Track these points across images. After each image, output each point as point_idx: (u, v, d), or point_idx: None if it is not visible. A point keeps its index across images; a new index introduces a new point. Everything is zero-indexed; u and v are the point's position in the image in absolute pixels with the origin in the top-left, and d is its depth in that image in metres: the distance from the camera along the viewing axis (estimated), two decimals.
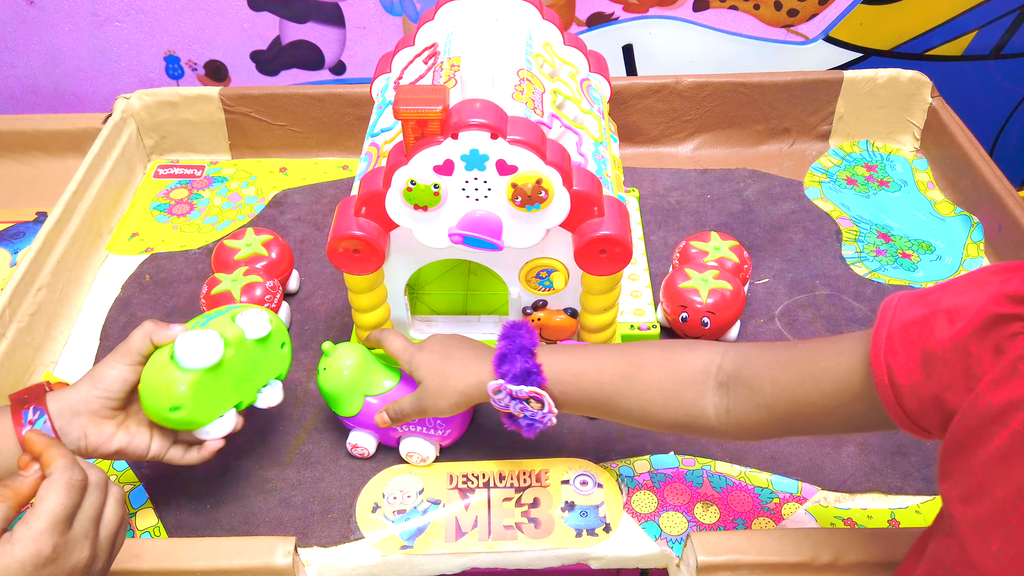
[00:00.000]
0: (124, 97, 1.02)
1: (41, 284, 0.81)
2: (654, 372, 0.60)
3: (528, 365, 0.61)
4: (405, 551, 0.64)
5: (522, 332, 0.63)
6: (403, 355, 0.66)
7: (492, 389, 0.62)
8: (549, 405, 0.61)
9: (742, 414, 0.56)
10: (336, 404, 0.68)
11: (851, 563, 0.57)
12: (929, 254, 0.91)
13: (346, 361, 0.67)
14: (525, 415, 0.62)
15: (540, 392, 0.60)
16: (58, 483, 0.48)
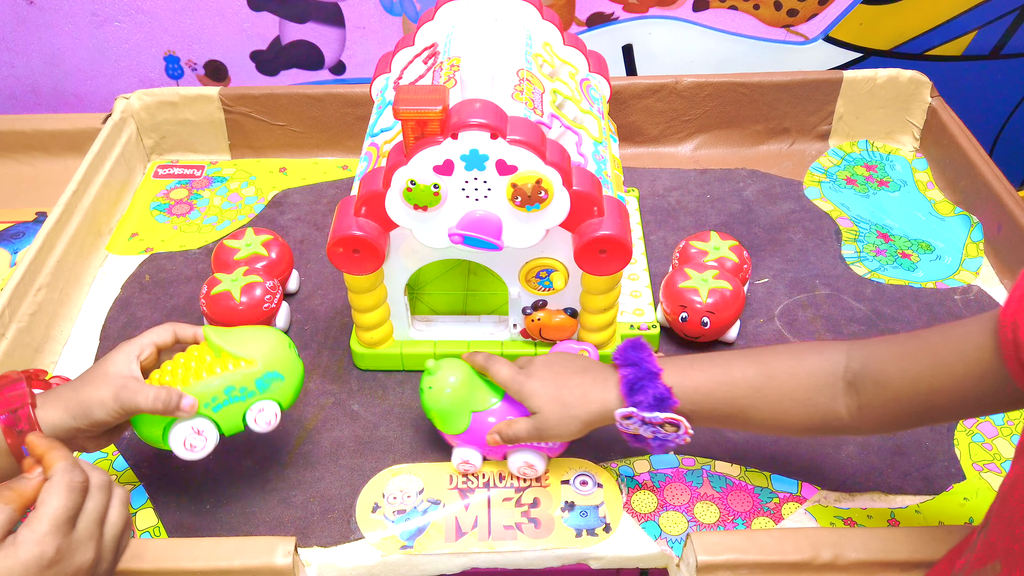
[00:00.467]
0: (124, 97, 1.02)
1: (41, 284, 0.81)
2: (786, 381, 0.59)
3: (660, 391, 0.59)
4: (405, 551, 0.64)
5: (645, 355, 0.62)
6: (512, 384, 0.65)
7: (621, 416, 0.60)
8: (685, 427, 0.60)
9: (874, 410, 0.56)
10: (443, 422, 0.67)
11: (851, 562, 0.57)
12: (929, 254, 0.91)
13: (450, 378, 0.66)
14: (657, 437, 0.61)
15: (676, 417, 0.59)
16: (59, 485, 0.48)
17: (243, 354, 0.62)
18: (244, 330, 0.65)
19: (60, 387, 0.60)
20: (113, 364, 0.60)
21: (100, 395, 0.58)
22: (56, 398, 0.58)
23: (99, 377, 0.59)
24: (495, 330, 0.78)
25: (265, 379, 0.62)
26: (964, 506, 0.67)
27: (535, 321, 0.75)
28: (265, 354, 0.62)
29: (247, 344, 0.62)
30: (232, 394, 0.61)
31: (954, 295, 0.86)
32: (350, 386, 0.78)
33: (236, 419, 0.62)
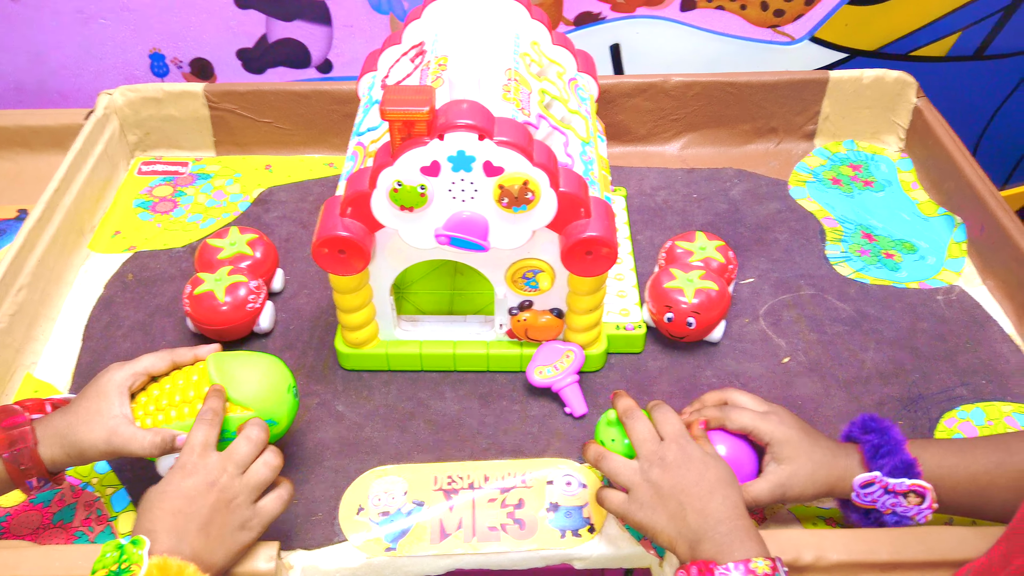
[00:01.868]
0: (107, 93, 1.01)
1: (22, 284, 0.80)
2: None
3: (907, 458, 0.57)
4: (389, 553, 0.64)
5: (888, 424, 0.60)
6: (765, 424, 0.61)
7: (861, 483, 0.58)
8: (932, 498, 0.57)
9: None
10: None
11: (833, 563, 0.57)
12: (912, 254, 0.92)
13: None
14: (895, 512, 0.58)
15: (924, 485, 0.57)
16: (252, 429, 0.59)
17: (241, 399, 0.62)
18: (247, 364, 0.64)
19: (57, 420, 0.60)
20: (105, 400, 0.60)
21: (92, 439, 0.59)
22: (53, 436, 0.59)
23: (92, 416, 0.60)
24: (481, 330, 0.78)
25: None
26: None
27: (521, 321, 0.75)
28: (263, 400, 0.63)
29: (247, 385, 0.63)
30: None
31: (936, 295, 0.87)
32: (335, 386, 0.77)
33: None
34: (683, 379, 0.78)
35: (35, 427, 0.59)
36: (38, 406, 0.62)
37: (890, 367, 0.79)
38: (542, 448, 0.72)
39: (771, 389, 0.77)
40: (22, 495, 0.68)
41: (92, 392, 0.61)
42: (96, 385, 0.62)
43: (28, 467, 0.58)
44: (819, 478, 0.59)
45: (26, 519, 0.67)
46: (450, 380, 0.78)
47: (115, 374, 0.62)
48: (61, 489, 0.69)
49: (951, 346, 0.81)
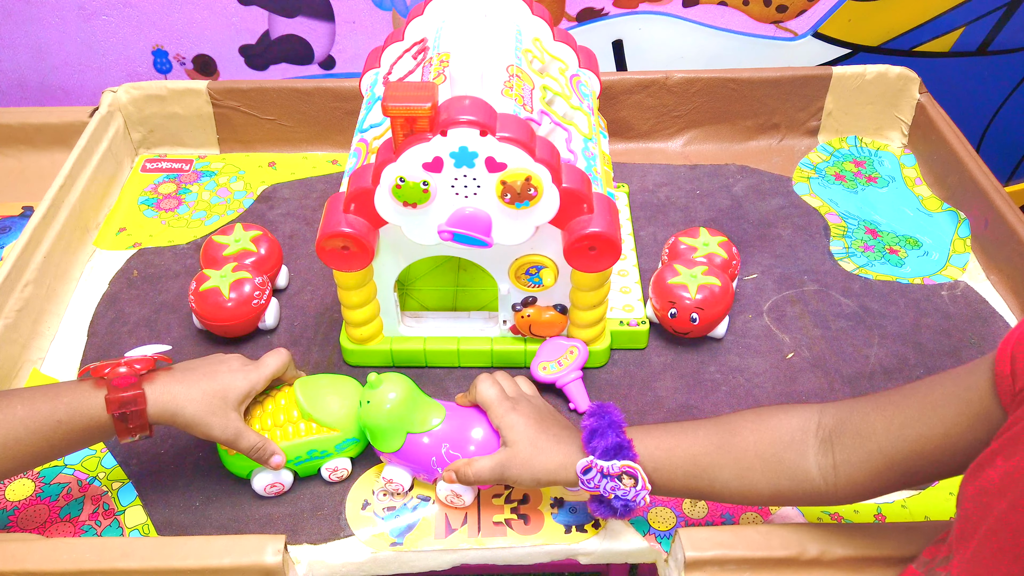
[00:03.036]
0: (111, 90, 1.02)
1: (27, 280, 0.81)
2: (748, 437, 0.57)
3: (619, 440, 0.58)
4: (395, 548, 0.64)
5: (610, 409, 0.61)
6: (496, 408, 0.63)
7: (582, 468, 0.58)
8: (643, 480, 0.57)
9: (852, 467, 0.54)
10: (377, 438, 0.65)
11: (838, 558, 0.57)
12: (916, 249, 0.92)
13: (390, 395, 0.64)
14: (617, 495, 0.58)
15: (633, 466, 0.57)
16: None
17: (328, 421, 0.67)
18: (332, 387, 0.69)
19: (174, 389, 0.61)
20: (234, 392, 0.63)
21: (209, 423, 0.62)
22: (166, 404, 0.61)
23: (215, 403, 0.62)
24: (485, 326, 0.78)
25: (344, 444, 0.68)
26: (950, 501, 0.68)
27: (525, 317, 0.75)
28: (347, 421, 0.67)
29: (333, 407, 0.67)
30: (314, 455, 0.67)
31: (941, 291, 0.87)
32: None
33: (312, 471, 0.68)
34: (687, 375, 0.78)
35: (147, 388, 0.60)
36: (147, 363, 0.62)
37: (894, 363, 0.79)
38: None
39: (775, 385, 0.77)
40: (30, 488, 0.69)
41: (223, 381, 0.63)
42: (229, 377, 0.64)
43: (135, 427, 0.60)
44: (537, 464, 0.60)
45: (34, 513, 0.67)
46: (454, 376, 0.78)
47: (252, 375, 0.65)
48: (68, 485, 0.69)
49: (955, 341, 0.81)
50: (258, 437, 0.64)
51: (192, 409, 0.61)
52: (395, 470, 0.66)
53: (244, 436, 0.63)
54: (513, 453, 0.61)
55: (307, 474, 0.68)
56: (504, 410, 0.63)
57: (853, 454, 0.54)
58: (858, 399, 0.56)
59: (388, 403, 0.64)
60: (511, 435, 0.62)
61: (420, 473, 0.66)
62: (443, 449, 0.64)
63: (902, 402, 0.52)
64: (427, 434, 0.65)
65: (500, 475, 0.61)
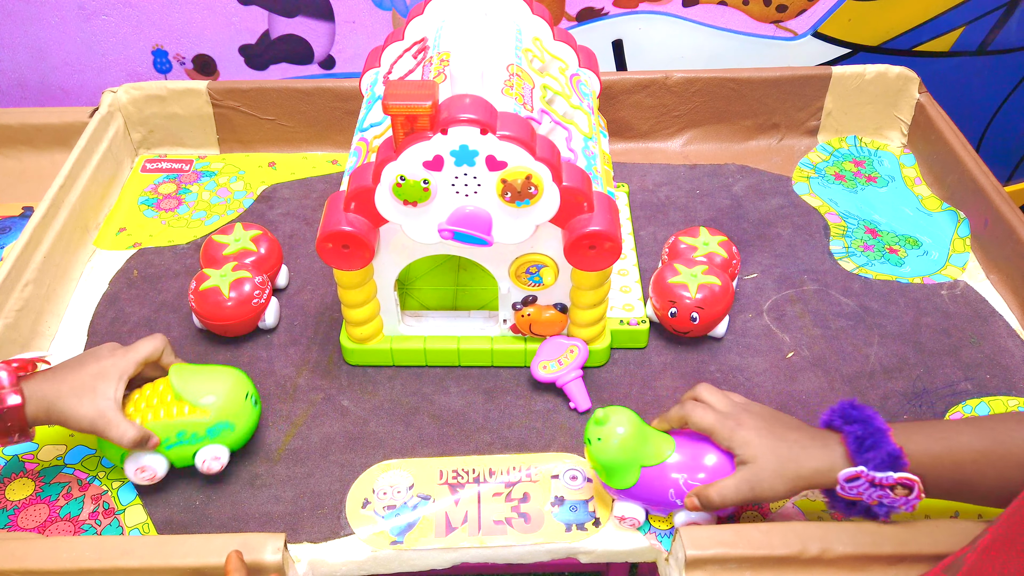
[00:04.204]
0: (111, 91, 1.02)
1: (28, 280, 0.81)
2: (1013, 447, 0.55)
3: (892, 449, 0.56)
4: (395, 546, 0.64)
5: (870, 413, 0.58)
6: (721, 430, 0.60)
7: (846, 476, 0.56)
8: (919, 490, 0.56)
9: None
10: (611, 476, 0.62)
11: (838, 556, 0.57)
12: (916, 249, 0.92)
13: (619, 429, 0.61)
14: (881, 503, 0.57)
15: (912, 477, 0.55)
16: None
17: (198, 402, 0.66)
18: (208, 373, 0.68)
19: (46, 385, 0.62)
20: (104, 381, 0.63)
21: (80, 413, 0.62)
22: (41, 400, 0.62)
23: (85, 393, 0.62)
24: (485, 325, 0.78)
25: (215, 428, 0.66)
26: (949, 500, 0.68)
27: (525, 316, 0.75)
28: (218, 404, 0.66)
29: (204, 390, 0.66)
30: (183, 437, 0.66)
31: (940, 290, 0.87)
32: (340, 381, 0.78)
33: (186, 458, 0.67)
34: (687, 374, 0.78)
35: (23, 387, 0.61)
36: (25, 366, 0.63)
37: (894, 362, 0.79)
38: (547, 443, 0.72)
39: (775, 384, 0.77)
40: (30, 487, 0.69)
41: (92, 369, 0.63)
42: (98, 364, 0.64)
43: (11, 425, 0.60)
44: (789, 473, 0.58)
45: (34, 512, 0.67)
46: (454, 375, 0.78)
47: (120, 361, 0.64)
48: (68, 484, 0.69)
49: (955, 341, 0.81)
50: (133, 428, 0.63)
51: (62, 404, 0.62)
52: (628, 506, 0.64)
53: (113, 425, 0.62)
54: (758, 468, 0.58)
55: (182, 463, 0.67)
56: (729, 430, 0.60)
57: None
58: None
59: (617, 438, 0.61)
60: (747, 452, 0.59)
61: (656, 507, 0.64)
62: (681, 480, 0.61)
63: None
64: (662, 466, 0.62)
65: (749, 493, 0.58)
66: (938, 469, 0.57)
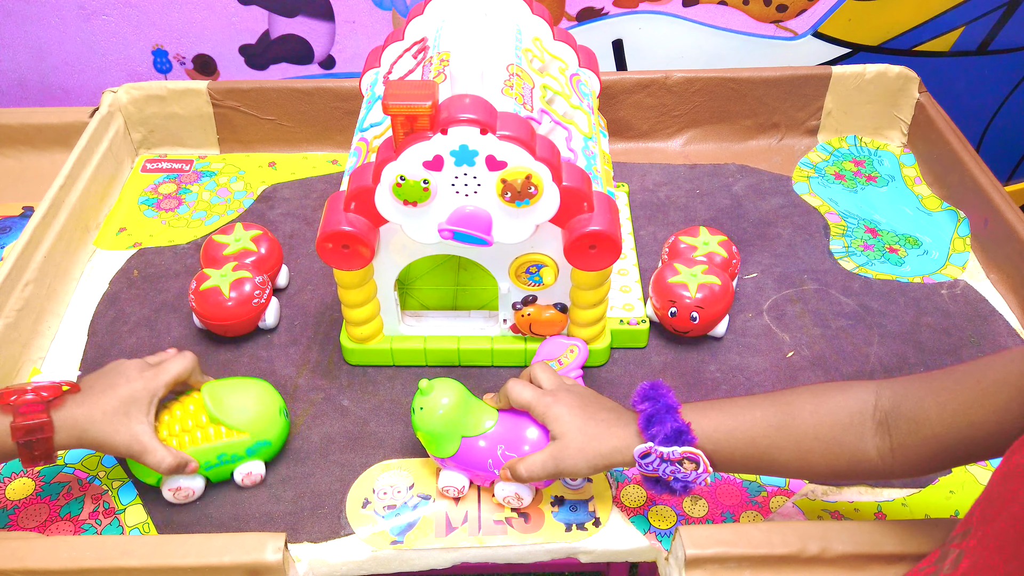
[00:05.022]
0: (111, 91, 1.02)
1: (28, 279, 0.81)
2: (808, 420, 0.57)
3: (678, 425, 0.57)
4: (395, 546, 0.64)
5: (664, 391, 0.60)
6: (537, 405, 0.63)
7: (640, 453, 0.58)
8: (704, 464, 0.57)
9: (908, 450, 0.54)
10: (432, 444, 0.64)
11: (838, 555, 0.57)
12: (916, 248, 0.92)
13: (443, 399, 0.63)
14: (676, 477, 0.58)
15: (694, 451, 0.57)
16: None
17: (236, 424, 0.67)
18: (240, 391, 0.69)
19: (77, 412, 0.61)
20: (135, 406, 0.63)
21: (116, 441, 0.62)
22: (72, 428, 0.61)
23: (118, 419, 0.62)
24: (485, 325, 0.78)
25: (254, 447, 0.67)
26: (950, 499, 0.68)
27: (525, 316, 0.75)
28: (256, 424, 0.67)
29: (241, 412, 0.67)
30: (224, 459, 0.67)
31: (940, 290, 0.87)
32: (340, 381, 0.78)
33: (225, 475, 0.68)
34: (687, 374, 0.78)
35: (53, 415, 0.60)
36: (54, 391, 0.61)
37: (894, 361, 0.79)
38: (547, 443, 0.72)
39: (775, 384, 0.77)
40: (30, 487, 0.69)
41: (123, 392, 0.62)
42: (129, 386, 0.63)
43: (39, 454, 0.60)
44: (591, 450, 0.60)
45: (34, 512, 0.67)
46: (454, 375, 0.78)
47: (151, 383, 0.64)
48: (69, 484, 0.69)
49: (955, 340, 0.81)
50: (170, 454, 0.63)
51: (95, 430, 0.61)
52: (451, 475, 0.66)
53: (151, 451, 0.62)
54: (564, 444, 0.61)
55: (219, 479, 0.68)
56: (545, 405, 0.62)
57: (908, 439, 0.54)
58: (912, 380, 0.56)
59: (441, 408, 0.63)
60: (558, 427, 0.61)
61: (476, 477, 0.66)
62: (499, 451, 0.64)
63: (955, 387, 0.52)
64: (482, 437, 0.64)
65: (554, 468, 0.61)
66: (732, 443, 0.58)
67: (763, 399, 0.60)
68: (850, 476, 0.58)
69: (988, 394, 0.51)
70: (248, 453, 0.67)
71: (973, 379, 0.52)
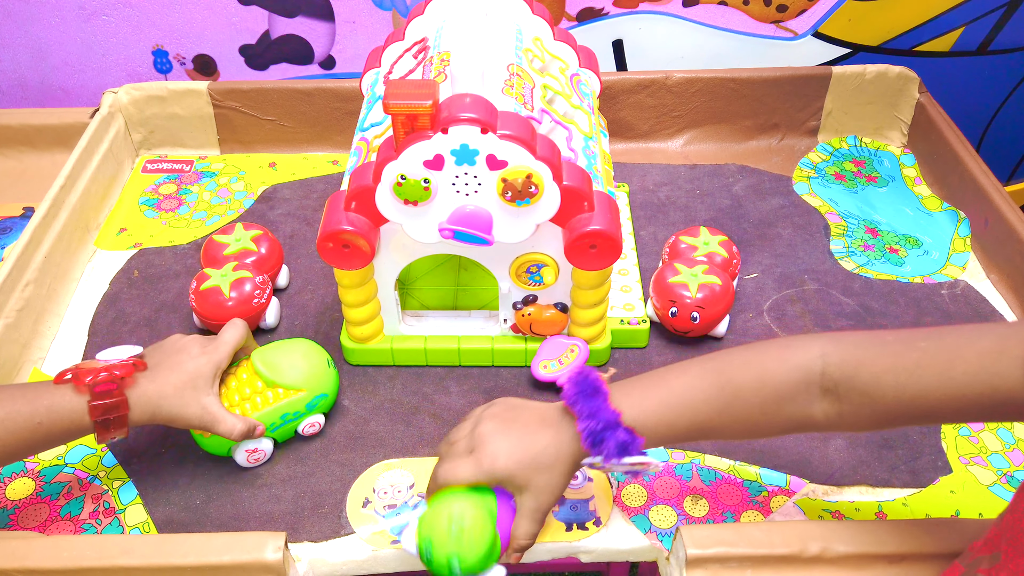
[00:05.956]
0: (112, 91, 1.02)
1: (28, 280, 0.81)
2: (751, 399, 0.55)
3: (621, 439, 0.55)
4: (396, 546, 0.64)
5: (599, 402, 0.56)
6: (480, 475, 0.56)
7: (589, 464, 0.57)
8: (654, 464, 0.56)
9: (858, 418, 0.53)
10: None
11: (839, 555, 0.57)
12: (916, 249, 0.92)
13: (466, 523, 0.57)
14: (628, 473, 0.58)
15: (644, 461, 0.55)
16: None
17: (292, 384, 0.69)
18: (287, 352, 0.70)
19: (149, 390, 0.62)
20: (202, 379, 0.64)
21: (187, 414, 0.63)
22: (145, 405, 0.62)
23: (187, 393, 0.63)
24: (485, 325, 0.78)
25: (313, 402, 0.70)
26: (951, 499, 0.68)
27: (526, 316, 0.75)
28: (310, 380, 0.70)
29: (293, 371, 0.69)
30: (287, 418, 0.69)
31: (941, 290, 0.87)
32: (341, 381, 0.77)
33: (289, 433, 0.71)
34: None
35: (128, 394, 0.61)
36: (127, 369, 0.61)
37: None
38: None
39: None
40: (31, 487, 0.69)
41: (190, 368, 0.64)
42: (194, 362, 0.64)
43: (115, 431, 0.61)
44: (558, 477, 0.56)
45: (34, 511, 0.67)
46: (455, 375, 0.78)
47: (214, 356, 0.65)
48: (69, 484, 0.69)
49: None
50: (240, 421, 0.65)
51: (167, 406, 0.62)
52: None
53: (221, 421, 0.64)
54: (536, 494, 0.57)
55: (285, 438, 0.71)
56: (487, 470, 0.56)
57: (861, 409, 0.52)
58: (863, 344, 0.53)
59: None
60: (518, 481, 0.57)
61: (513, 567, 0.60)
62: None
63: (917, 370, 0.49)
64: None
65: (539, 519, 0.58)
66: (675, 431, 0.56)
67: (701, 378, 0.57)
68: (795, 434, 0.61)
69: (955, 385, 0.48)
70: (308, 408, 0.70)
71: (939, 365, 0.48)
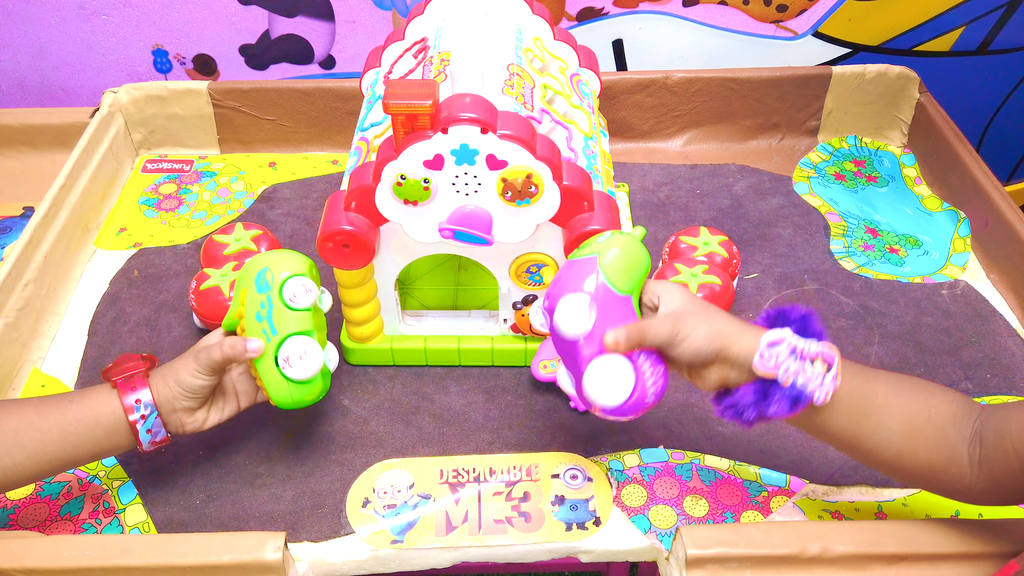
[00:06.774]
0: (112, 91, 1.02)
1: (28, 279, 0.81)
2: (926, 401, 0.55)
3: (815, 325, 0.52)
4: (396, 545, 0.64)
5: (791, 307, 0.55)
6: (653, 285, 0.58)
7: (770, 340, 0.52)
8: (837, 371, 0.52)
9: (991, 463, 0.52)
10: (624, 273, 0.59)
11: (838, 555, 0.57)
12: (916, 249, 0.92)
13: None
14: (796, 381, 0.52)
15: (832, 351, 0.51)
16: None
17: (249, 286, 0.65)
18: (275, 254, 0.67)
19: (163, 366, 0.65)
20: (202, 341, 0.66)
21: (186, 362, 0.63)
22: (158, 373, 0.64)
23: (189, 352, 0.64)
24: (485, 325, 0.78)
25: (261, 275, 0.65)
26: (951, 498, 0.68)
27: (525, 316, 0.75)
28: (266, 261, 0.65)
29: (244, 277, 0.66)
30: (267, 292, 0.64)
31: (941, 290, 0.87)
32: (340, 381, 0.78)
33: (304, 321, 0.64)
34: None
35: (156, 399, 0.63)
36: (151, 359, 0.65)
37: (894, 361, 0.79)
38: (547, 442, 0.72)
39: None
40: (30, 487, 0.69)
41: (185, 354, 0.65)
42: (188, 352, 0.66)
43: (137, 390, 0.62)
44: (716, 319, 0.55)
45: (34, 511, 0.67)
46: (455, 375, 0.78)
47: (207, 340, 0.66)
48: (69, 483, 0.69)
49: (956, 340, 0.81)
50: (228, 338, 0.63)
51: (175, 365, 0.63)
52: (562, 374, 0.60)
53: (215, 348, 0.62)
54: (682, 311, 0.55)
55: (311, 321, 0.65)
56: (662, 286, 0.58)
57: (992, 451, 0.52)
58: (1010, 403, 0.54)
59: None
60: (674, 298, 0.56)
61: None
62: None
63: None
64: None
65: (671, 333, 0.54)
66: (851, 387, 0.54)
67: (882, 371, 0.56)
68: (942, 478, 0.54)
69: None
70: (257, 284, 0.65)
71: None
